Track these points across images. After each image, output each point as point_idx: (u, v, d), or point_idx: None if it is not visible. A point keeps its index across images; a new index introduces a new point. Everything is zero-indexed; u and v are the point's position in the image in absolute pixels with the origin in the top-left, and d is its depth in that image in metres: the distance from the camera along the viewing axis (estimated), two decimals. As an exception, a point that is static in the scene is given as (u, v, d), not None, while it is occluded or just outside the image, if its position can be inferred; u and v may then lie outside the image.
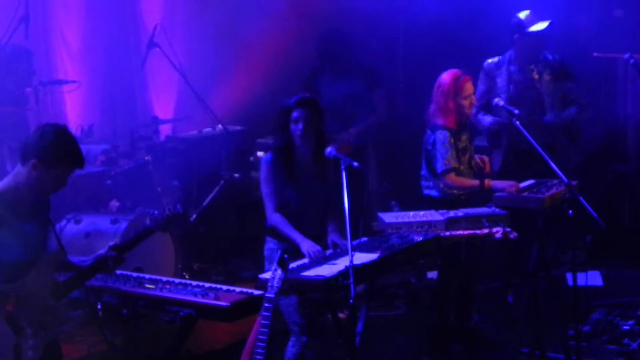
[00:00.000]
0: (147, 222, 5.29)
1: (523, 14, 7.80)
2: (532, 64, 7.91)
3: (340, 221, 6.18)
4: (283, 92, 8.88)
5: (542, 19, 7.80)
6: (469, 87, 7.04)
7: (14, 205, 4.93)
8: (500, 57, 7.96)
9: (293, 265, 5.62)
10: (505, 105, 7.17)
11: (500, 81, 7.92)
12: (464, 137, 7.08)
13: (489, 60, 7.99)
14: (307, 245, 5.86)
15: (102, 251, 5.16)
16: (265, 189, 6.14)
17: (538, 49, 7.88)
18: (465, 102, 7.01)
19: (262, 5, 9.63)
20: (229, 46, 9.70)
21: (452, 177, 6.97)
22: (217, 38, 9.76)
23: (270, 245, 6.16)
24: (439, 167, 6.96)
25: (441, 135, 6.99)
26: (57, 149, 4.93)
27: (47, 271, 5.04)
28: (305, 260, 5.82)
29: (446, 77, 7.05)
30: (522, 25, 7.80)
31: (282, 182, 6.10)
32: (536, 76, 7.91)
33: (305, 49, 9.27)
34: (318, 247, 5.87)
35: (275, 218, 6.08)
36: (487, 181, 6.94)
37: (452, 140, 6.99)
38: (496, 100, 7.20)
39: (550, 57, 7.95)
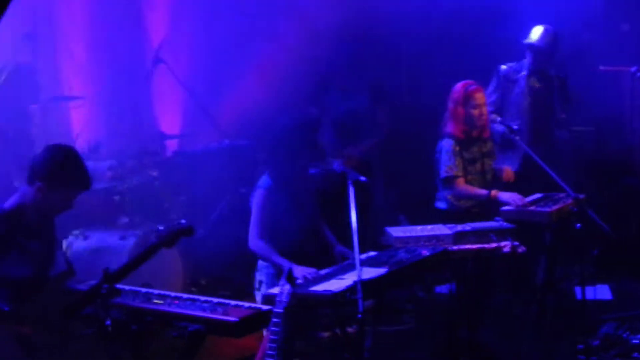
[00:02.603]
0: (153, 238, 5.23)
1: (536, 28, 7.94)
2: (544, 74, 8.02)
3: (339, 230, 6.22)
4: (289, 105, 8.93)
5: (547, 34, 7.92)
6: (479, 97, 7.07)
7: (21, 224, 4.94)
8: (516, 63, 8.07)
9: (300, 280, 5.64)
10: (502, 121, 7.20)
11: (519, 87, 8.02)
12: (474, 149, 7.09)
13: (505, 66, 8.12)
14: (298, 270, 5.81)
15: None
16: (257, 215, 6.12)
17: (537, 60, 7.98)
18: (475, 112, 7.03)
19: (268, 20, 9.64)
20: (234, 61, 9.71)
21: (459, 183, 6.98)
22: (223, 53, 9.77)
23: (270, 270, 6.12)
24: (441, 173, 7.03)
25: (445, 143, 7.06)
26: (63, 172, 4.94)
27: (57, 291, 5.03)
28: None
29: (458, 85, 7.15)
30: (527, 36, 7.96)
31: (282, 209, 6.07)
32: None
33: (311, 63, 9.28)
34: (311, 269, 5.84)
35: (259, 244, 6.08)
36: (493, 192, 6.94)
37: (458, 149, 7.01)
38: (492, 116, 7.21)
39: (560, 73, 8.08)
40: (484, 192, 6.97)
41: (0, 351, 4.89)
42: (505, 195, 6.90)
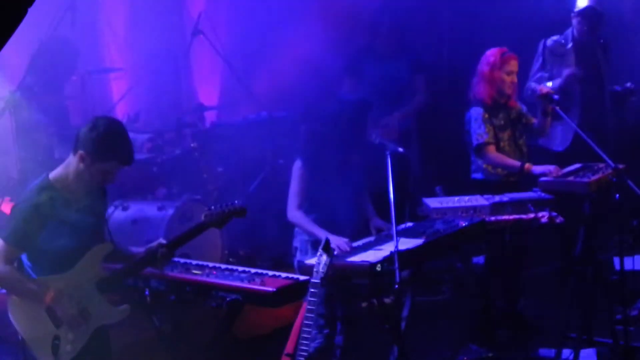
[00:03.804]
0: (202, 217, 5.22)
1: None
2: (588, 44, 7.95)
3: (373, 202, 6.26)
4: (327, 76, 8.93)
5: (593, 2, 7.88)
6: (513, 64, 7.06)
7: (63, 194, 4.96)
8: (559, 36, 8.01)
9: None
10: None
11: (567, 60, 7.95)
12: (502, 115, 7.07)
13: (553, 38, 8.03)
14: (332, 239, 5.79)
15: (153, 245, 5.16)
16: (295, 186, 6.17)
17: (589, 27, 7.91)
18: (507, 78, 7.02)
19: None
20: (272, 31, 9.70)
21: (490, 151, 6.97)
22: (261, 23, 9.77)
23: (303, 236, 6.17)
24: (474, 141, 7.03)
25: (474, 112, 7.06)
26: (104, 144, 4.93)
27: (94, 264, 5.05)
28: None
29: (493, 50, 7.16)
30: (574, 4, 7.89)
31: (321, 181, 6.10)
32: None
33: (349, 32, 9.25)
34: (344, 239, 5.86)
35: (297, 214, 6.13)
36: (527, 165, 6.91)
37: (487, 116, 7.00)
38: (533, 86, 7.15)
39: (601, 39, 8.02)
40: (517, 163, 6.94)
41: (31, 322, 4.95)
42: (539, 168, 6.86)
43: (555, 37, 8.08)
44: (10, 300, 5.00)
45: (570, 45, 7.99)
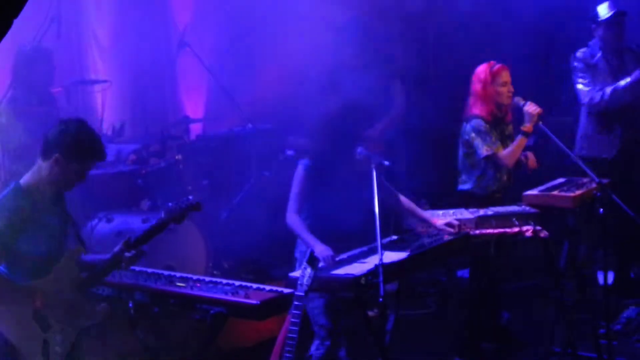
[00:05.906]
0: (162, 214, 5.26)
1: (601, 6, 7.87)
2: (617, 52, 7.94)
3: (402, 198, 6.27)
4: (313, 90, 8.91)
5: (616, 8, 7.85)
6: (505, 75, 7.03)
7: (38, 199, 5.04)
8: (586, 48, 7.96)
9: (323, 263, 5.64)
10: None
11: (599, 70, 7.92)
12: (497, 132, 7.05)
13: (581, 51, 7.96)
14: (319, 249, 5.78)
15: (117, 248, 5.18)
16: (296, 190, 6.12)
17: (614, 37, 7.89)
18: (503, 90, 6.99)
19: (292, 2, 9.61)
20: (258, 43, 9.70)
21: (501, 154, 6.94)
22: (247, 36, 9.78)
23: (303, 247, 6.15)
24: (482, 152, 6.94)
25: (476, 123, 6.97)
26: (79, 143, 5.05)
27: (71, 266, 5.12)
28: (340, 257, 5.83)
29: (482, 66, 7.10)
30: (596, 15, 7.86)
31: (323, 188, 6.08)
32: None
33: (334, 46, 9.25)
34: (330, 252, 5.84)
35: (294, 219, 6.06)
36: (522, 128, 6.90)
37: (488, 127, 6.97)
38: (516, 99, 7.14)
39: (633, 45, 8.00)
40: (518, 138, 6.93)
41: (18, 328, 4.96)
42: (526, 115, 6.89)
43: (582, 50, 8.00)
44: None
45: (599, 55, 7.93)
